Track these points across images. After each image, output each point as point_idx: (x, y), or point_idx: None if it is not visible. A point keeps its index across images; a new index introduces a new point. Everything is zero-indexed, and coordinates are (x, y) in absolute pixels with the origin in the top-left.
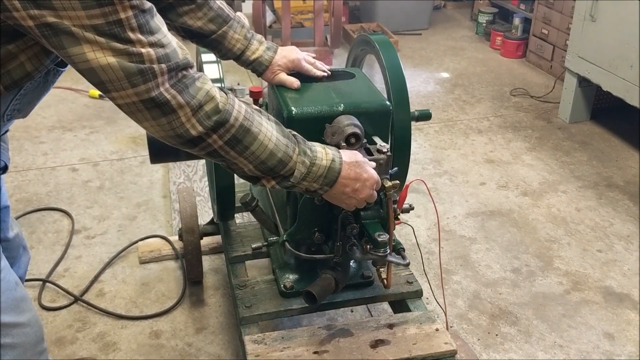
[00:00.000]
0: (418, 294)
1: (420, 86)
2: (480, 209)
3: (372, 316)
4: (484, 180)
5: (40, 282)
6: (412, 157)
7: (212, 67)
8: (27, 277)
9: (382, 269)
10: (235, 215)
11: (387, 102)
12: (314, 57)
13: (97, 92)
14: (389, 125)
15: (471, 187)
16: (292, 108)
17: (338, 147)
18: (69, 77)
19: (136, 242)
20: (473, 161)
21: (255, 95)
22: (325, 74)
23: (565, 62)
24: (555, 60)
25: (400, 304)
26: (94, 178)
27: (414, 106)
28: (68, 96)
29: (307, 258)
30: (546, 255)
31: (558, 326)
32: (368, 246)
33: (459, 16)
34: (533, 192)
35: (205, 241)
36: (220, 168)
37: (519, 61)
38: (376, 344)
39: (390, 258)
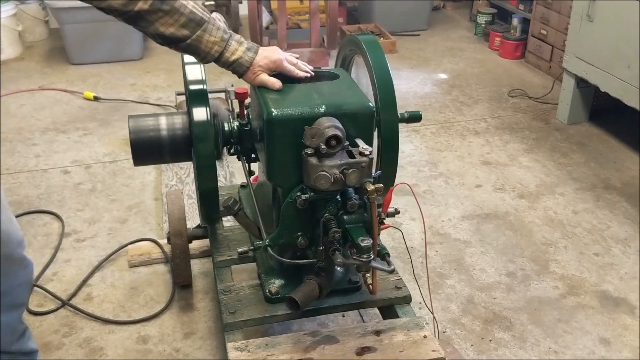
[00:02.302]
0: (407, 299)
1: (418, 87)
2: (476, 212)
3: (363, 321)
4: (480, 182)
5: None
6: (408, 159)
7: (194, 68)
8: None
9: (368, 275)
10: (225, 218)
11: (370, 104)
12: (297, 58)
13: (91, 94)
14: (373, 127)
15: (467, 190)
16: (272, 109)
17: (318, 150)
18: (64, 78)
19: (126, 245)
20: (469, 163)
21: (240, 97)
22: (308, 74)
23: (563, 63)
24: (554, 61)
25: (389, 310)
26: (86, 180)
27: (411, 107)
28: (62, 98)
29: (290, 263)
30: (542, 259)
31: (553, 331)
32: (352, 251)
33: (458, 17)
34: (530, 194)
35: (195, 244)
36: (202, 171)
37: (517, 62)
38: (362, 351)
39: (374, 264)
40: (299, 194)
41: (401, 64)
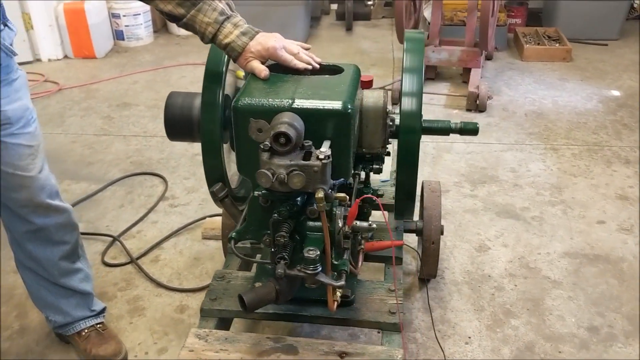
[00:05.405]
0: (396, 327)
1: (579, 102)
2: (584, 251)
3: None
4: (604, 218)
5: (110, 239)
6: (531, 179)
7: (216, 50)
8: (101, 232)
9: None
10: None
11: (348, 106)
12: (307, 48)
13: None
14: (348, 130)
15: (584, 224)
16: (240, 99)
17: (264, 146)
18: None
19: (204, 217)
20: (602, 194)
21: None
22: (309, 67)
23: None
24: None
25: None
26: None
27: (561, 123)
28: None
29: (243, 259)
30: None
31: None
32: None
33: None
34: None
35: None
36: (207, 160)
37: None
38: None
39: (321, 278)
40: (263, 190)
41: (571, 74)
